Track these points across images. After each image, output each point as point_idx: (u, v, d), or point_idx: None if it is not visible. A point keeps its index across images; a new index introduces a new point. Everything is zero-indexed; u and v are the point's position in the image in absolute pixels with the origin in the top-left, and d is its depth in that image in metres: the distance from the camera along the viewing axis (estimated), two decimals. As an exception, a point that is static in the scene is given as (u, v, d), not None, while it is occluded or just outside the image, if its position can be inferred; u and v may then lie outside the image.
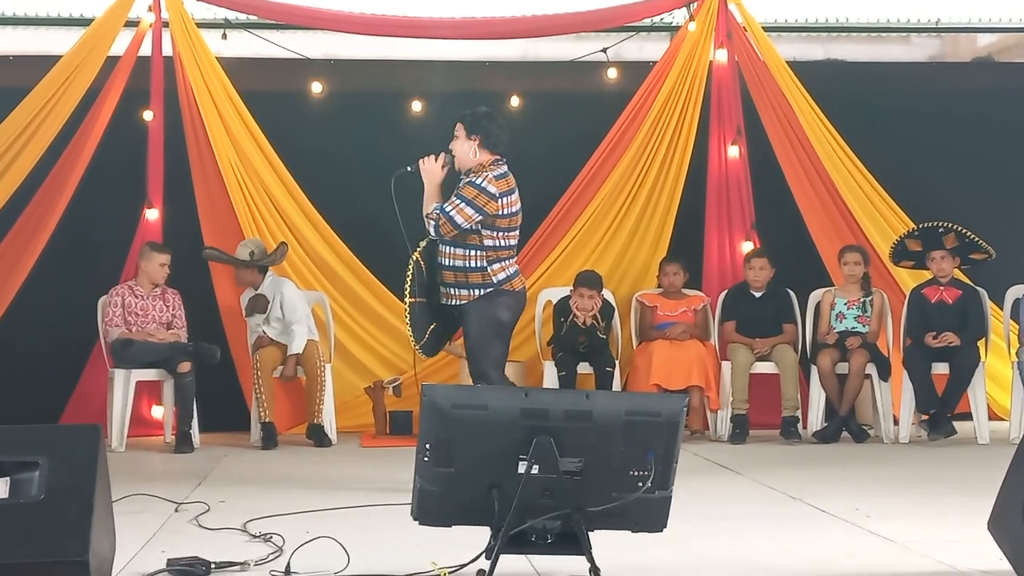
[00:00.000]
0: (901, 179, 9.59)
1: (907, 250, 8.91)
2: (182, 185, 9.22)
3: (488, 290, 6.38)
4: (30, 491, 3.80)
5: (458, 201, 6.33)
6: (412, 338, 6.38)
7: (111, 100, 9.10)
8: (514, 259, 6.55)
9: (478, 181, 6.34)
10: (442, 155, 6.50)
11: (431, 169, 6.50)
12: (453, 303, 6.44)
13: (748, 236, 9.49)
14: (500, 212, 6.35)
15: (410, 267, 6.37)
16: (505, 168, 6.45)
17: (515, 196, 6.46)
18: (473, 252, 6.38)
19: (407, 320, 6.37)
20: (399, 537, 4.83)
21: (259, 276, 8.86)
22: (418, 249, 6.42)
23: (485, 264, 6.39)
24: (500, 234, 6.40)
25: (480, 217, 6.30)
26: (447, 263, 6.42)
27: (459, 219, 6.30)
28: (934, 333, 8.59)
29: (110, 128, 9.09)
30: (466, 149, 6.44)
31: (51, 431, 4.20)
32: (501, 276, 6.41)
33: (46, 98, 8.91)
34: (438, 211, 6.35)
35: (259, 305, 8.79)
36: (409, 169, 6.60)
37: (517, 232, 6.56)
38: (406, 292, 6.38)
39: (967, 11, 10.26)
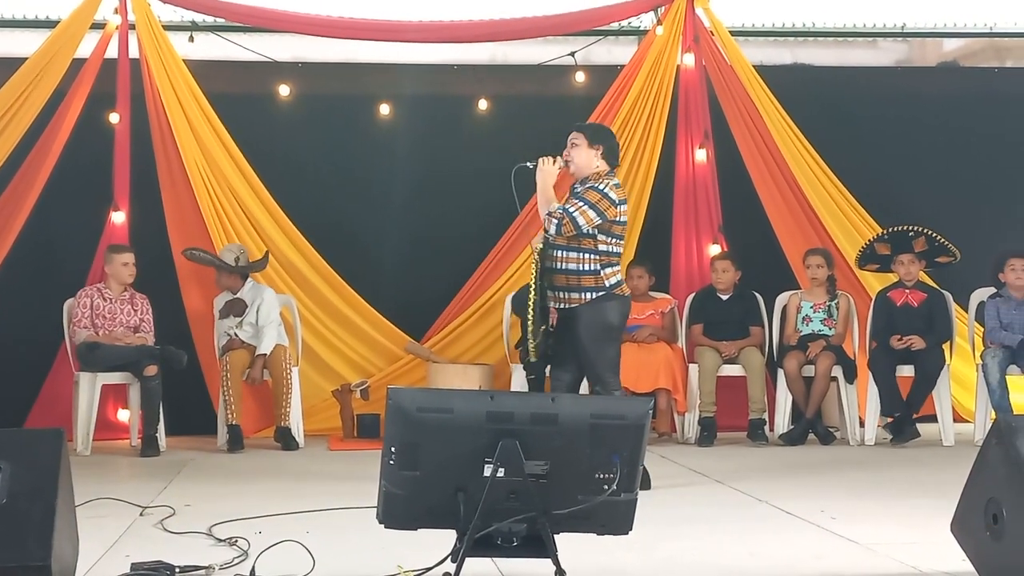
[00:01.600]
0: (867, 183, 9.65)
1: (876, 254, 8.96)
2: (148, 188, 9.18)
3: (600, 293, 6.45)
4: (-8, 495, 3.77)
5: (581, 203, 6.41)
6: (531, 338, 6.41)
7: (77, 102, 9.06)
8: (620, 267, 6.66)
9: (600, 187, 6.46)
10: (558, 159, 6.61)
11: (549, 171, 6.61)
12: (562, 307, 6.50)
13: (715, 239, 9.52)
14: (617, 219, 6.49)
15: (534, 268, 6.45)
16: (618, 180, 6.62)
17: (627, 206, 6.65)
18: (587, 255, 6.45)
19: (531, 319, 6.40)
20: (365, 540, 4.82)
21: (240, 281, 8.85)
22: (539, 248, 6.50)
23: (598, 267, 6.46)
24: (614, 240, 6.52)
25: (600, 221, 6.40)
26: (559, 266, 6.47)
27: (581, 220, 6.38)
28: (899, 336, 8.64)
29: (76, 131, 9.05)
30: (588, 157, 6.57)
31: (14, 435, 4.17)
32: (613, 280, 6.49)
33: (11, 100, 8.87)
34: (561, 210, 6.41)
35: (236, 308, 8.78)
36: (530, 165, 6.67)
37: (624, 241, 6.69)
38: (532, 291, 6.41)
39: (933, 16, 10.32)
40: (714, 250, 9.43)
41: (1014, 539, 3.96)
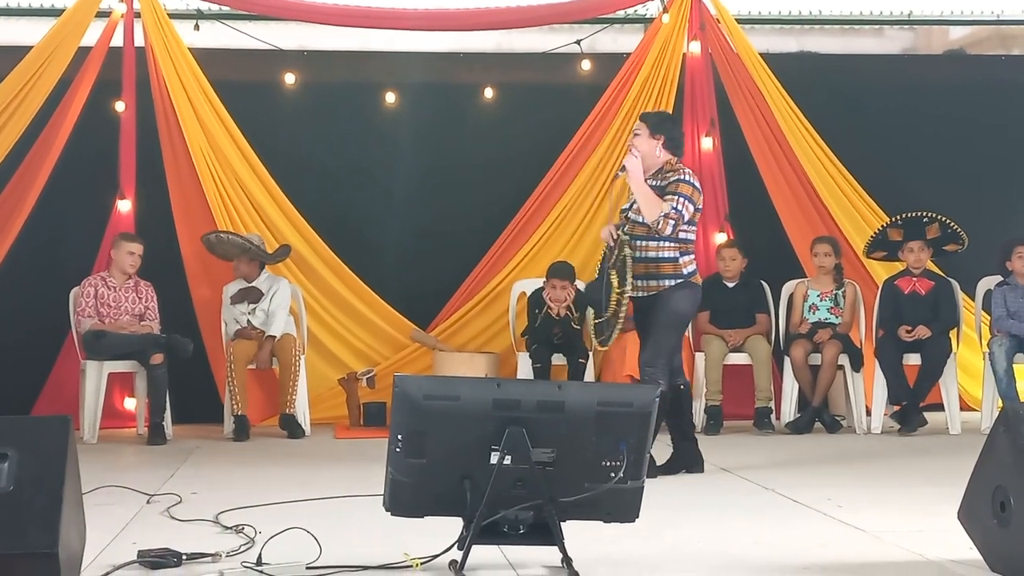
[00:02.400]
0: (873, 171, 9.63)
1: (887, 240, 8.93)
2: (154, 176, 9.19)
3: (678, 281, 6.44)
4: (-1, 482, 3.78)
5: (682, 199, 6.37)
6: (617, 323, 6.34)
7: (83, 91, 9.06)
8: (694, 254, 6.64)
9: (687, 178, 6.45)
10: (629, 155, 6.52)
11: (636, 168, 6.46)
12: (640, 295, 6.46)
13: (721, 228, 9.51)
14: (700, 206, 6.52)
15: (618, 256, 6.38)
16: None
17: None
18: (666, 244, 6.44)
19: (617, 306, 6.33)
20: (371, 528, 4.81)
21: (256, 270, 8.87)
22: (624, 240, 6.41)
23: (677, 255, 6.45)
24: (692, 228, 6.54)
25: (693, 211, 6.43)
26: (638, 255, 6.41)
27: (687, 216, 6.39)
28: (908, 327, 8.62)
29: (82, 119, 9.06)
30: (651, 147, 6.53)
31: (21, 422, 4.16)
32: (691, 268, 6.50)
33: (16, 89, 8.88)
34: (675, 211, 6.34)
35: (252, 296, 8.80)
36: (620, 173, 6.56)
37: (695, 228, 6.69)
38: (625, 281, 6.32)
39: (940, 4, 10.32)
40: (720, 238, 9.41)
41: (1021, 527, 3.96)
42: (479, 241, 9.53)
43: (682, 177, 6.45)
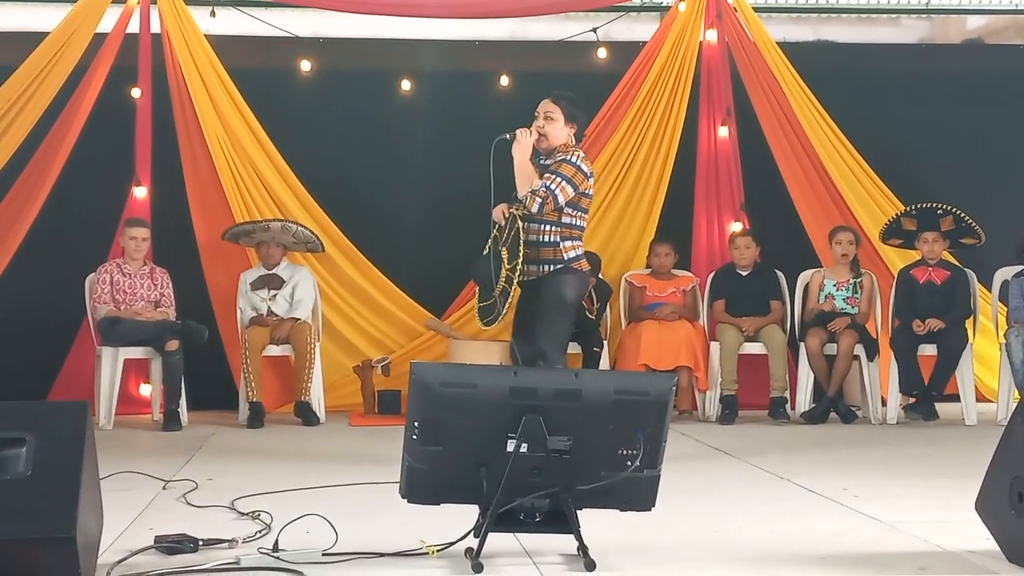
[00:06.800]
0: (890, 160, 9.61)
1: (900, 228, 8.91)
2: (170, 163, 9.20)
3: (559, 266, 6.31)
4: (17, 468, 3.77)
5: (559, 179, 6.23)
6: (506, 301, 6.20)
7: (99, 78, 9.07)
8: (582, 241, 6.49)
9: (573, 159, 6.30)
10: (533, 131, 6.41)
11: (527, 144, 6.37)
12: (523, 279, 6.29)
13: (737, 217, 9.50)
14: (587, 191, 6.37)
15: (510, 235, 6.26)
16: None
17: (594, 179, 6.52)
18: (548, 227, 6.30)
19: (506, 283, 6.22)
20: (387, 515, 4.82)
21: (280, 257, 8.91)
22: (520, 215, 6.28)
23: (558, 240, 6.31)
24: (579, 214, 6.38)
25: (574, 195, 6.28)
26: (524, 238, 6.24)
27: (561, 198, 6.24)
28: (920, 322, 8.59)
29: (98, 106, 9.07)
30: (562, 135, 6.41)
31: (38, 408, 4.17)
32: (572, 254, 6.33)
33: (33, 75, 8.89)
34: (544, 189, 6.21)
35: (274, 283, 8.83)
36: (508, 137, 6.41)
37: (588, 216, 6.57)
38: (515, 257, 6.19)
39: (958, -7, 10.28)
40: (736, 227, 9.40)
41: (1039, 518, 3.95)
42: (494, 229, 9.50)
43: (567, 158, 6.30)
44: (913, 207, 8.87)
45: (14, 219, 8.92)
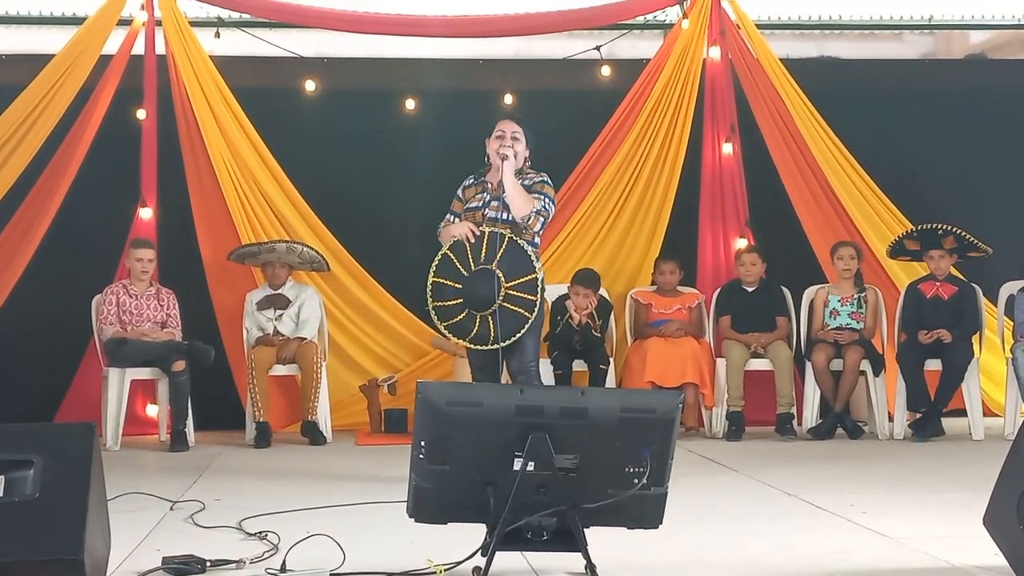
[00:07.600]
0: (895, 176, 9.61)
1: (905, 249, 8.92)
2: (176, 184, 9.22)
3: None
4: (24, 489, 3.78)
5: (548, 200, 6.47)
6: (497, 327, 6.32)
7: (104, 99, 9.10)
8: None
9: (549, 180, 6.56)
10: (509, 150, 6.53)
11: (512, 163, 6.53)
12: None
13: (742, 233, 9.50)
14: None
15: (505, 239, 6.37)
16: None
17: None
18: (529, 246, 6.45)
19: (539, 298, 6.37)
20: (395, 534, 4.82)
21: (285, 277, 8.94)
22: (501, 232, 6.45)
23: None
24: (541, 233, 6.59)
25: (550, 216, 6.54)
26: None
27: (550, 217, 6.52)
28: (926, 331, 8.59)
29: (103, 127, 9.09)
30: (523, 153, 6.60)
31: (45, 429, 4.18)
32: (543, 272, 6.53)
33: (39, 97, 8.92)
34: (545, 209, 6.44)
35: (280, 303, 8.84)
36: (505, 157, 6.52)
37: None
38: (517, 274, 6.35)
39: (960, 8, 10.29)
40: (741, 244, 9.40)
41: (1047, 533, 3.94)
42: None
43: (546, 179, 6.55)
44: (914, 229, 8.87)
45: (21, 240, 8.94)
